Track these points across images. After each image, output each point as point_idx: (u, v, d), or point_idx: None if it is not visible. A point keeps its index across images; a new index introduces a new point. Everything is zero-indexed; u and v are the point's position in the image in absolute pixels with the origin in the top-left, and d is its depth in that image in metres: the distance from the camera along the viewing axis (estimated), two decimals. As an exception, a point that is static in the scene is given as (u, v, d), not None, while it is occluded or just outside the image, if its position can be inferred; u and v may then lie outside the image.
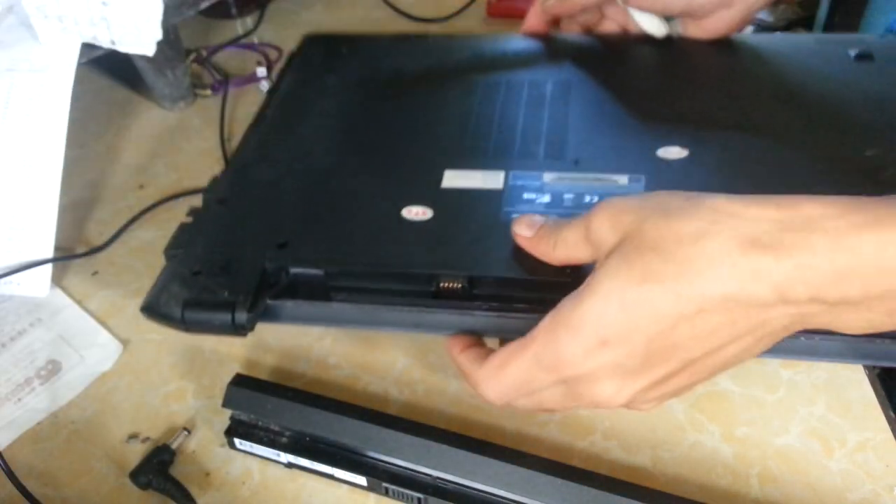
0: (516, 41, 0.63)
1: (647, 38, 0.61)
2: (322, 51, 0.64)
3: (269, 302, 0.42)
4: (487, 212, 0.44)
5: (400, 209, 0.45)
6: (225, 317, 0.40)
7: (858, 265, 0.29)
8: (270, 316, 0.43)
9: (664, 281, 0.31)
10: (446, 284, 0.40)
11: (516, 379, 0.35)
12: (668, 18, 0.61)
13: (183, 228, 0.46)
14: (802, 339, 0.37)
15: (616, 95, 0.55)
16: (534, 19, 0.62)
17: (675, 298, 0.31)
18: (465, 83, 0.58)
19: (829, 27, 1.03)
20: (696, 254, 0.31)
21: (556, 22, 0.63)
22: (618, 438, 0.42)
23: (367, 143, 0.52)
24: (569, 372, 0.34)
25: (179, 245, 0.45)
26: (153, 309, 0.42)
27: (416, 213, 0.44)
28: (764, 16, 1.03)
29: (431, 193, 0.46)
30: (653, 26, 0.60)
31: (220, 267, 0.42)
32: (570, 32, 0.62)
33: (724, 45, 0.59)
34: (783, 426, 0.41)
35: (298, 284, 0.42)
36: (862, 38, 0.58)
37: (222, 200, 0.48)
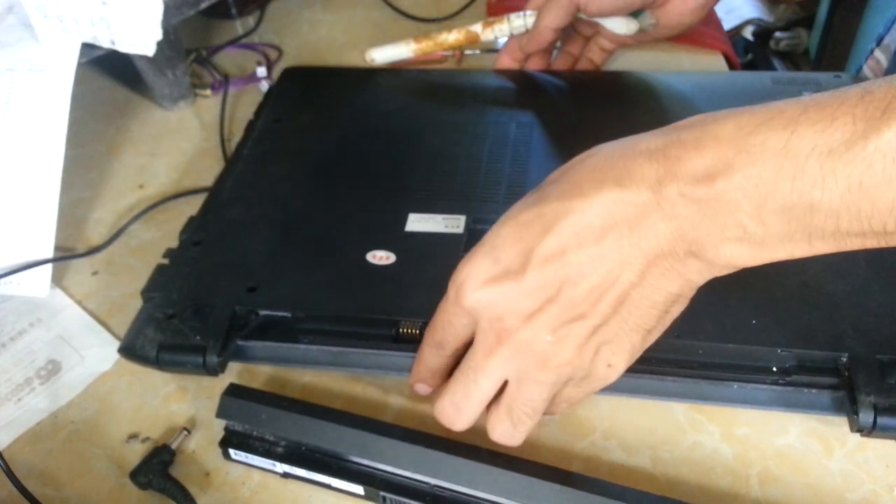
0: (486, 77, 0.65)
1: (613, 78, 0.63)
2: (299, 85, 0.65)
3: (238, 343, 0.44)
4: (447, 257, 0.45)
5: (365, 253, 0.47)
6: (197, 359, 0.43)
7: (718, 149, 0.30)
8: (240, 356, 0.45)
9: (551, 198, 0.33)
10: (406, 330, 0.43)
11: (437, 322, 0.37)
12: (635, 15, 0.61)
13: (160, 270, 0.48)
14: (735, 386, 0.40)
15: (576, 136, 0.56)
16: (506, 58, 0.65)
17: (559, 207, 0.33)
18: (432, 122, 0.59)
19: (828, 27, 1.03)
20: (579, 169, 0.34)
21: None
22: (617, 439, 0.42)
23: (336, 183, 0.54)
24: (468, 300, 0.35)
25: (156, 287, 0.47)
26: (130, 351, 0.45)
27: (381, 257, 0.47)
28: (764, 16, 1.02)
29: (396, 237, 0.48)
30: (622, 27, 0.60)
31: (193, 311, 0.45)
32: (539, 70, 0.65)
33: (684, 84, 0.61)
34: (783, 426, 0.41)
35: (267, 325, 0.45)
36: (817, 79, 0.60)
37: (197, 242, 0.50)
